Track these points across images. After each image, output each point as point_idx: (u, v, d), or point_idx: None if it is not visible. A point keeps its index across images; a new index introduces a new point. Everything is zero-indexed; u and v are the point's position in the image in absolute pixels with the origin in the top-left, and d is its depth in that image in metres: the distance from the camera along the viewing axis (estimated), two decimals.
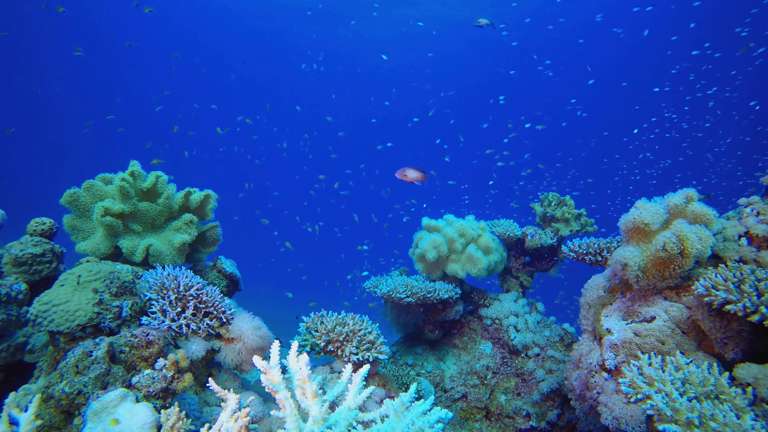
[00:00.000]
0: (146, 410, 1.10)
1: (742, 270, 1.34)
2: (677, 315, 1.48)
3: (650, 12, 12.95)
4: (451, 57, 16.80)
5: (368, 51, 16.87)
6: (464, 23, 14.09)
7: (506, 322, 2.73)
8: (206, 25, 16.15)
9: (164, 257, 1.94)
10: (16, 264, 1.82)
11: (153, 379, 1.27)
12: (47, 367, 1.54)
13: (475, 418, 2.43)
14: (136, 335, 1.40)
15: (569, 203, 2.97)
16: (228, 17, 15.71)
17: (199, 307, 1.63)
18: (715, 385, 1.17)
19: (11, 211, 2.19)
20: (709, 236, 1.48)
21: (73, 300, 1.48)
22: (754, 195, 1.72)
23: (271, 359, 1.06)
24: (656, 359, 1.29)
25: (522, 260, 3.01)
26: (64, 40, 15.55)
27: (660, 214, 1.58)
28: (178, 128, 5.32)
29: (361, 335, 1.78)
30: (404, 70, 18.48)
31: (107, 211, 1.88)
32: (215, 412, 1.50)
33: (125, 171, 2.04)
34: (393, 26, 15.02)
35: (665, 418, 1.10)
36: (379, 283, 2.58)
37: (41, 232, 1.95)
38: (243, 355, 1.67)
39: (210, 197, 2.21)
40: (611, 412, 1.43)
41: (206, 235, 2.25)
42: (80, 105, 21.16)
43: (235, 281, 2.22)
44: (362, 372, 1.16)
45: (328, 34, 16.06)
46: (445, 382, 2.57)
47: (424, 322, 2.72)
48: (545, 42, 15.07)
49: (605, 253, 2.07)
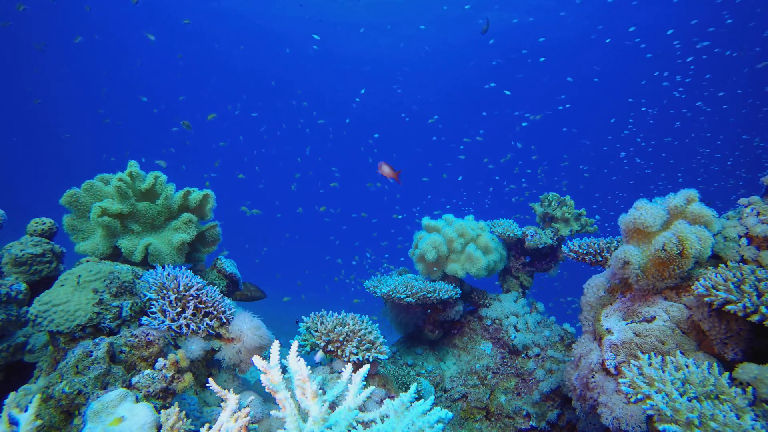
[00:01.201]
0: (146, 410, 1.10)
1: (742, 270, 1.34)
2: (677, 315, 1.48)
3: (649, 12, 12.96)
4: (450, 51, 16.68)
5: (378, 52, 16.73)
6: (458, 19, 14.11)
7: (506, 322, 2.73)
8: (206, 21, 16.09)
9: (163, 257, 1.94)
10: (16, 264, 1.82)
11: (153, 379, 1.27)
12: (47, 367, 1.54)
13: (475, 418, 2.43)
14: (136, 335, 1.40)
15: (569, 203, 2.97)
16: (228, 15, 15.68)
17: (199, 307, 1.63)
18: (715, 385, 1.17)
19: (11, 211, 2.19)
20: (708, 237, 1.48)
21: (73, 300, 1.48)
22: (754, 195, 1.72)
23: (271, 359, 1.06)
24: (656, 359, 1.29)
25: (522, 260, 3.01)
26: (63, 39, 15.53)
27: (660, 215, 1.58)
28: (188, 127, 5.24)
29: (361, 335, 1.78)
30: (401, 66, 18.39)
31: (105, 211, 1.88)
32: (215, 412, 1.49)
33: (124, 171, 2.04)
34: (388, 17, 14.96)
35: (665, 418, 1.10)
36: (379, 283, 2.58)
37: (41, 232, 1.95)
38: (243, 355, 1.67)
39: (209, 197, 2.21)
40: (611, 412, 1.43)
41: (206, 235, 2.25)
42: (80, 105, 21.15)
43: (235, 281, 2.22)
44: (362, 372, 1.16)
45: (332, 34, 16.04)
46: (445, 382, 2.57)
47: (424, 322, 2.72)
48: (545, 40, 15.07)
49: (605, 253, 2.07)
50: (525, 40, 14.68)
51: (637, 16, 13.12)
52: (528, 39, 14.67)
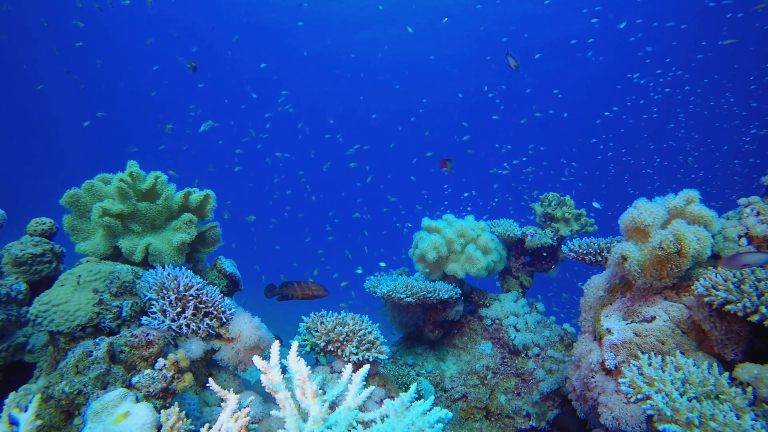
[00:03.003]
0: (146, 410, 1.10)
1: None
2: (677, 315, 1.48)
3: (648, 14, 12.95)
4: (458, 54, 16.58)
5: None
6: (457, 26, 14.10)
7: (506, 322, 2.73)
8: (205, 19, 16.05)
9: (163, 257, 1.94)
10: (16, 264, 1.82)
11: (153, 379, 1.27)
12: (47, 367, 1.54)
13: (475, 418, 2.43)
14: (136, 335, 1.40)
15: (569, 203, 2.97)
16: (228, 13, 15.65)
17: (199, 307, 1.63)
18: (715, 385, 1.17)
19: (11, 211, 2.19)
20: (707, 236, 1.48)
21: (73, 300, 1.48)
22: (754, 195, 1.72)
23: (271, 359, 1.06)
24: (656, 359, 1.29)
25: (522, 260, 3.01)
26: (63, 39, 15.53)
27: (660, 214, 1.58)
28: (206, 124, 5.18)
29: (361, 335, 1.78)
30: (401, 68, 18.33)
31: (105, 211, 1.88)
32: (215, 412, 1.49)
33: (124, 171, 2.04)
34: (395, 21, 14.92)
35: (665, 418, 1.10)
36: (379, 283, 2.58)
37: (41, 232, 1.95)
38: (243, 355, 1.67)
39: (209, 197, 2.21)
40: (611, 412, 1.43)
41: (206, 235, 2.25)
42: (80, 105, 21.15)
43: (235, 281, 2.22)
44: (362, 372, 1.16)
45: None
46: (445, 382, 2.57)
47: (424, 322, 2.72)
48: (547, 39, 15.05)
49: (605, 253, 2.07)
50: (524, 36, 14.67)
51: (639, 11, 13.08)
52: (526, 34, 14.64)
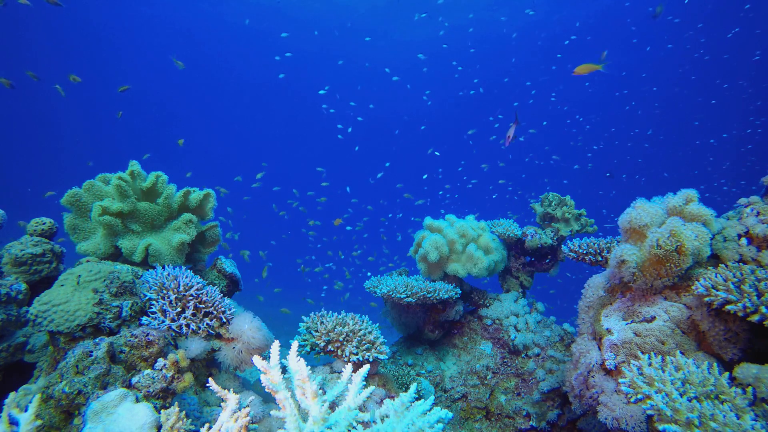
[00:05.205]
0: (146, 410, 1.10)
1: (742, 270, 1.34)
2: (677, 315, 1.48)
3: (646, 14, 12.95)
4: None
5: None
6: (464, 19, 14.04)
7: (506, 322, 2.73)
8: (204, 24, 16.09)
9: (163, 257, 1.94)
10: (16, 264, 1.82)
11: (153, 379, 1.27)
12: (47, 367, 1.54)
13: (475, 418, 2.43)
14: (136, 335, 1.40)
15: (569, 203, 2.97)
16: (226, 17, 15.67)
17: (199, 307, 1.63)
18: (715, 385, 1.17)
19: (11, 211, 2.19)
20: (705, 233, 1.47)
21: (73, 300, 1.48)
22: (754, 195, 1.72)
23: (271, 359, 1.06)
24: (656, 359, 1.29)
25: (522, 260, 3.01)
26: (62, 39, 15.54)
27: (658, 214, 1.58)
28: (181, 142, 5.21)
29: (361, 335, 1.78)
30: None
31: (105, 210, 1.88)
32: (215, 412, 1.49)
33: (125, 171, 2.04)
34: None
35: (665, 418, 1.10)
36: (379, 283, 2.58)
37: (41, 232, 1.95)
38: (243, 355, 1.67)
39: (210, 196, 2.20)
40: (611, 412, 1.43)
41: (206, 235, 2.25)
42: (80, 105, 21.15)
43: (235, 281, 2.22)
44: (362, 372, 1.16)
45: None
46: (445, 382, 2.57)
47: (425, 322, 2.72)
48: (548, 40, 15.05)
49: (605, 253, 2.07)
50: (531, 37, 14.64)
51: (634, 14, 13.09)
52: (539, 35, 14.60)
